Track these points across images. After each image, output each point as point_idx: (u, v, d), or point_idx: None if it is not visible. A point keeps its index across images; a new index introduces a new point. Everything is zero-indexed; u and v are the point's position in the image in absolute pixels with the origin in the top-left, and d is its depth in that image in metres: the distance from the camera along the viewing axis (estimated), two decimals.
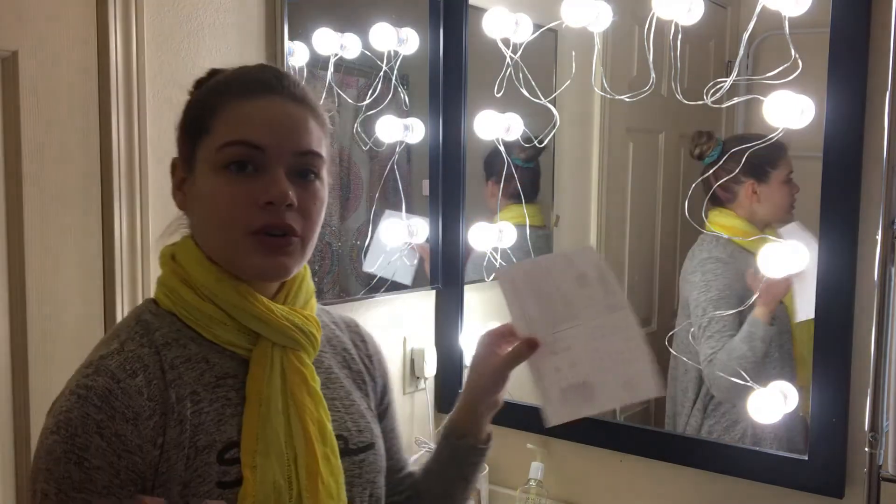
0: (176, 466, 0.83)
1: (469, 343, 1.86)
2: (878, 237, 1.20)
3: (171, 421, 0.84)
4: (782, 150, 1.54)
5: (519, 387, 1.86)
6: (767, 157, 1.54)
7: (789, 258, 1.40)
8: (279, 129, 0.89)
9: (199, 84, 0.96)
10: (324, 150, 0.93)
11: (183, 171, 0.93)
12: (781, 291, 1.54)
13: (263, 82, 0.91)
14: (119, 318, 1.32)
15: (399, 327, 1.85)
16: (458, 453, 1.07)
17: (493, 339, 1.07)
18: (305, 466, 0.89)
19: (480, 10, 1.73)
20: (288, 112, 0.91)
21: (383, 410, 1.09)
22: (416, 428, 1.89)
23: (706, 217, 1.61)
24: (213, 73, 0.97)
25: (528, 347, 1.03)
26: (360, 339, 1.09)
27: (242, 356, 0.91)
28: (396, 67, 1.76)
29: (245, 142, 0.88)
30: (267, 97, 0.90)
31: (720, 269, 1.65)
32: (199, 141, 0.90)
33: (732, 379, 1.55)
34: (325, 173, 0.94)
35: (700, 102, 1.47)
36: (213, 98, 0.91)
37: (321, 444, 0.91)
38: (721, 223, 1.63)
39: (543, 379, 1.04)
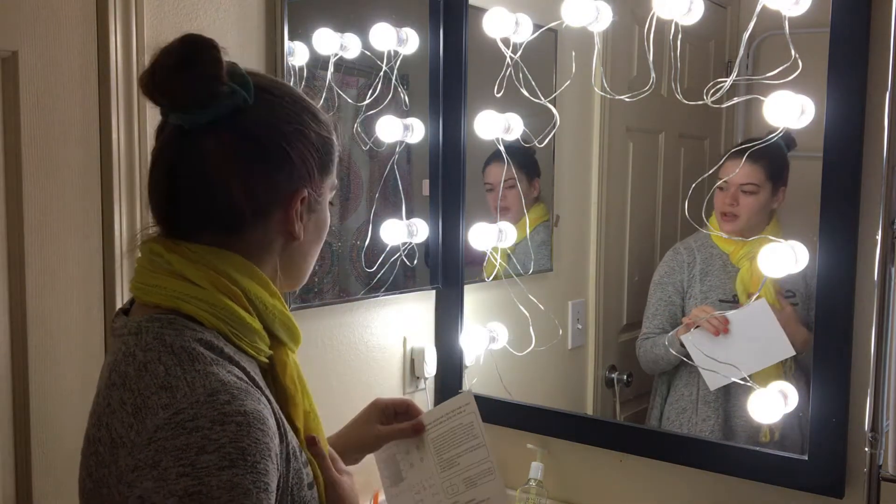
0: (288, 476, 0.85)
1: (469, 343, 1.86)
2: (878, 237, 1.20)
3: (280, 433, 0.85)
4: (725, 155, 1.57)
5: (519, 387, 1.86)
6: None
7: (789, 258, 1.40)
8: None
9: (312, 115, 0.94)
10: None
11: (310, 202, 0.94)
12: (688, 320, 1.64)
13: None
14: None
15: (399, 327, 1.85)
16: None
17: (388, 409, 1.24)
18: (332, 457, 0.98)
19: (480, 10, 1.73)
20: None
21: None
22: None
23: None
24: (244, 74, 0.90)
25: (414, 430, 1.18)
26: None
27: (259, 360, 0.92)
28: (396, 67, 1.76)
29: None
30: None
31: (669, 256, 1.75)
32: (328, 177, 0.97)
33: (733, 378, 1.55)
34: None
35: (700, 102, 1.47)
36: (334, 139, 0.97)
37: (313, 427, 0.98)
38: (711, 221, 1.66)
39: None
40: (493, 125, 1.76)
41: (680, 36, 1.48)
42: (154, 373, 0.80)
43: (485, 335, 1.86)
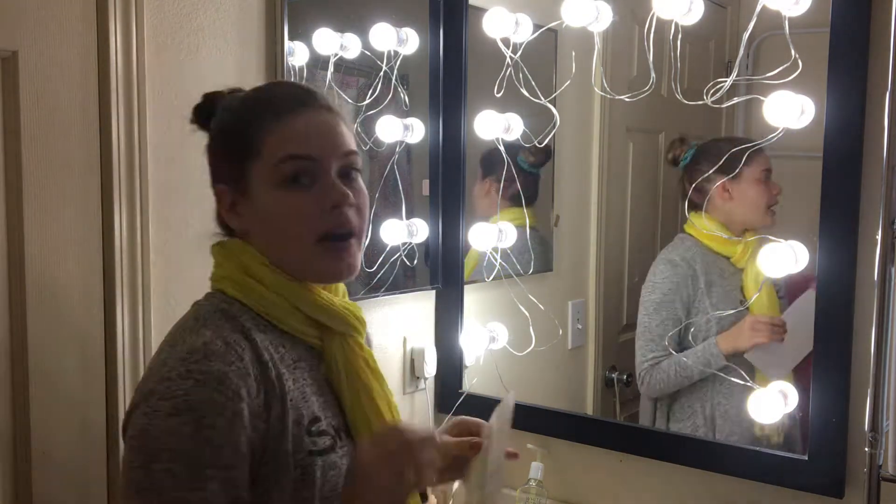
0: (282, 438, 0.94)
1: (469, 343, 1.86)
2: (878, 237, 1.20)
3: (274, 398, 0.94)
4: (752, 151, 1.52)
5: (519, 387, 1.86)
6: (739, 154, 1.52)
7: (789, 258, 1.40)
8: (325, 138, 1.00)
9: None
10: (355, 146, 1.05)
11: (233, 194, 1.02)
12: (749, 343, 1.57)
13: (298, 99, 1.01)
14: (119, 319, 1.33)
15: (399, 327, 1.85)
16: None
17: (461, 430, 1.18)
18: None
19: (480, 10, 1.73)
20: (325, 121, 1.01)
21: None
22: None
23: (683, 221, 1.62)
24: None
25: (472, 448, 1.14)
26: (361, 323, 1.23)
27: (309, 343, 1.03)
28: (396, 67, 1.76)
29: (298, 156, 0.98)
30: (304, 112, 1.00)
31: (669, 271, 1.67)
32: (249, 163, 0.99)
33: (733, 379, 1.55)
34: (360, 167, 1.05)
35: (700, 102, 1.47)
36: (254, 121, 0.99)
37: (391, 417, 1.05)
38: (693, 224, 1.63)
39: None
40: (493, 125, 1.76)
41: (680, 36, 1.48)
42: (174, 333, 0.98)
43: (485, 335, 1.86)
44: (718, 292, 1.64)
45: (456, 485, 1.66)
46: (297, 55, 1.60)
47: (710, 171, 1.57)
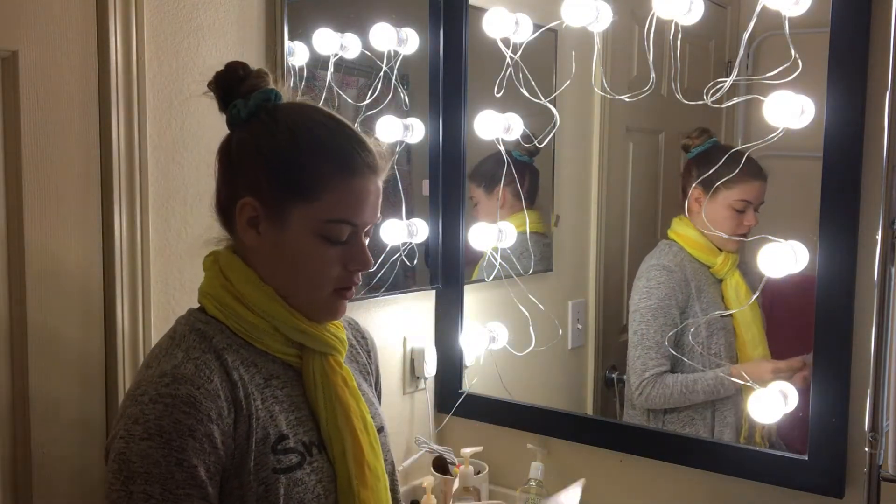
0: (246, 456, 0.97)
1: (469, 343, 1.86)
2: (878, 237, 1.20)
3: (241, 416, 0.98)
4: (747, 176, 1.52)
5: (519, 387, 1.86)
6: (724, 173, 1.52)
7: (789, 258, 1.40)
8: (372, 208, 1.05)
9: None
10: None
11: (263, 215, 1.02)
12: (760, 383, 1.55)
13: (362, 159, 1.03)
14: (119, 320, 1.33)
15: (399, 327, 1.85)
16: None
17: None
18: (353, 456, 1.05)
19: (480, 10, 1.73)
20: (377, 189, 1.05)
21: (377, 397, 1.27)
22: (415, 428, 1.89)
23: (669, 222, 1.62)
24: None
25: None
26: (361, 335, 1.27)
27: (285, 360, 1.06)
28: (396, 67, 1.76)
29: (350, 222, 1.02)
30: (364, 176, 1.03)
31: (663, 276, 1.67)
32: (299, 201, 1.01)
33: (732, 379, 1.55)
34: None
35: (700, 102, 1.47)
36: (319, 166, 1.01)
37: (365, 434, 1.07)
38: (677, 231, 1.64)
39: None
40: (493, 125, 1.76)
41: (680, 36, 1.48)
42: (151, 353, 1.02)
43: (485, 335, 1.86)
44: (707, 297, 1.65)
45: (456, 483, 1.66)
46: (297, 55, 1.60)
47: (698, 179, 1.57)
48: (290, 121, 1.03)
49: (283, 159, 1.01)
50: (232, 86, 1.05)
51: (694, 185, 1.59)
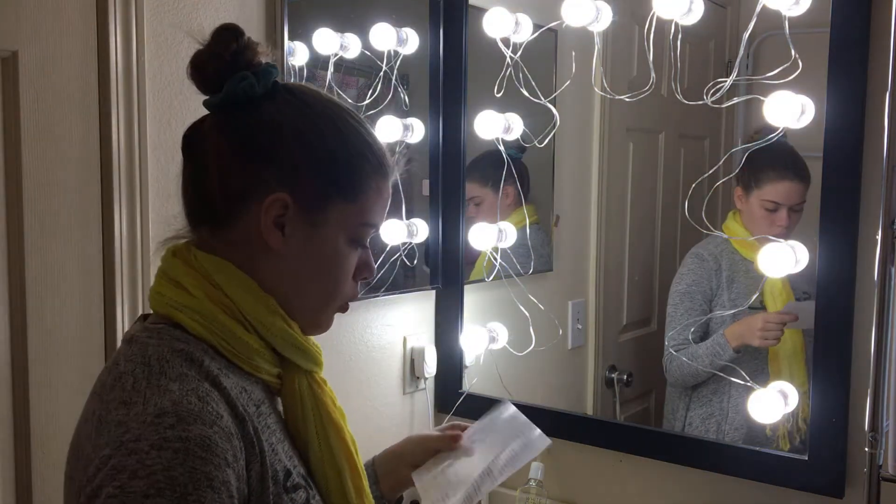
0: (262, 498, 0.81)
1: (469, 343, 1.86)
2: (878, 237, 1.20)
3: (253, 456, 0.81)
4: (771, 174, 1.54)
5: (519, 387, 1.86)
6: (756, 174, 1.56)
7: (789, 258, 1.40)
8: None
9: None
10: None
11: (295, 213, 0.86)
12: (758, 344, 1.60)
13: (391, 166, 0.93)
14: (119, 320, 1.33)
15: (399, 327, 1.85)
16: None
17: (429, 449, 1.17)
18: (354, 485, 0.93)
19: (480, 10, 1.73)
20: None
21: None
22: (415, 428, 1.89)
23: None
24: (278, 76, 0.91)
25: (451, 440, 1.14)
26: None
27: (266, 382, 0.90)
28: (396, 67, 1.76)
29: (376, 226, 0.92)
30: (390, 181, 0.93)
31: (695, 264, 1.70)
32: (339, 200, 0.88)
33: (733, 380, 1.55)
34: None
35: (700, 102, 1.47)
36: (362, 162, 0.89)
37: (359, 459, 0.96)
38: (727, 223, 1.64)
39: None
40: (493, 125, 1.76)
41: (680, 36, 1.48)
42: (122, 386, 0.79)
43: (485, 335, 1.86)
44: (739, 288, 1.65)
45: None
46: (297, 55, 1.60)
47: (735, 172, 1.58)
48: (322, 106, 0.90)
49: (330, 150, 0.87)
50: (236, 56, 0.87)
51: (736, 183, 1.60)
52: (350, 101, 1.71)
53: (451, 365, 1.90)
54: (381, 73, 1.74)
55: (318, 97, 0.91)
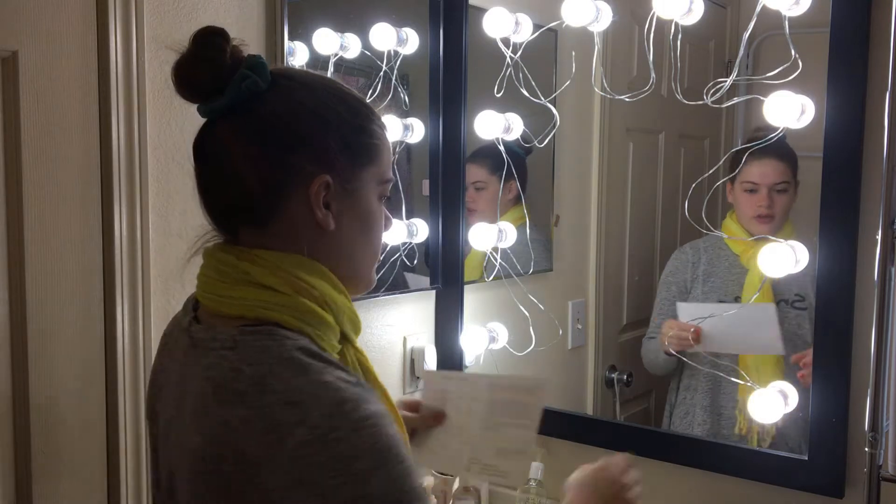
0: None
1: (469, 343, 1.86)
2: (878, 237, 1.20)
3: None
4: (748, 157, 1.53)
5: None
6: (738, 162, 1.56)
7: (789, 258, 1.40)
8: None
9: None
10: None
11: (335, 189, 0.90)
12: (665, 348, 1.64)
13: (381, 118, 0.98)
14: (119, 319, 1.33)
15: (399, 327, 1.85)
16: None
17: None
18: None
19: (480, 10, 1.73)
20: None
21: None
22: None
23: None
24: (320, 79, 0.95)
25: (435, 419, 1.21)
26: None
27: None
28: (396, 67, 1.76)
29: (392, 180, 0.98)
30: (386, 131, 0.98)
31: (675, 255, 1.75)
32: (366, 164, 0.93)
33: (733, 379, 1.55)
34: None
35: (700, 102, 1.47)
36: (377, 130, 0.94)
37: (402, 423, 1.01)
38: (724, 222, 1.65)
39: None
40: (493, 125, 1.76)
41: (680, 36, 1.48)
42: (273, 389, 0.80)
43: (485, 335, 1.86)
44: (715, 283, 1.66)
45: (456, 483, 1.66)
46: (297, 55, 1.60)
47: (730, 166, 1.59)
48: (318, 81, 0.93)
49: (348, 123, 0.91)
50: (233, 57, 0.88)
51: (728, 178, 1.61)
52: None
53: (451, 365, 1.90)
54: (381, 73, 1.74)
55: (309, 74, 0.95)
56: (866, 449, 1.21)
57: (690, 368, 1.67)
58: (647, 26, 1.48)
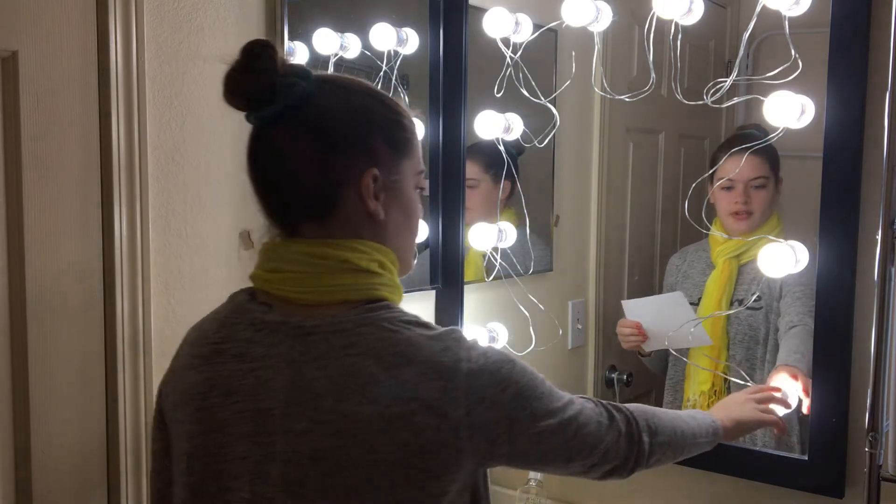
0: None
1: None
2: (878, 237, 1.20)
3: None
4: (724, 155, 1.54)
5: None
6: (715, 162, 1.57)
7: (789, 258, 1.40)
8: None
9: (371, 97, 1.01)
10: None
11: (382, 181, 0.99)
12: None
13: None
14: (119, 319, 1.33)
15: None
16: None
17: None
18: None
19: (480, 10, 1.73)
20: None
21: None
22: None
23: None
24: (359, 85, 1.03)
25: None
26: None
27: None
28: (396, 67, 1.76)
29: (424, 170, 1.07)
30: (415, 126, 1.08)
31: (670, 261, 1.78)
32: (405, 159, 1.02)
33: (734, 379, 1.55)
34: None
35: (700, 102, 1.47)
36: (410, 125, 1.04)
37: None
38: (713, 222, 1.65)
39: None
40: (493, 125, 1.76)
41: (680, 36, 1.48)
42: (421, 345, 0.94)
43: (485, 335, 1.86)
44: (688, 284, 1.68)
45: None
46: (297, 55, 1.60)
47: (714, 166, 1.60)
48: (354, 83, 1.02)
49: (389, 120, 1.01)
50: (284, 67, 0.95)
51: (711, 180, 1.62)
52: None
53: None
54: (381, 73, 1.74)
55: (345, 77, 1.03)
56: (866, 449, 1.21)
57: (674, 366, 1.69)
58: (647, 26, 1.48)
